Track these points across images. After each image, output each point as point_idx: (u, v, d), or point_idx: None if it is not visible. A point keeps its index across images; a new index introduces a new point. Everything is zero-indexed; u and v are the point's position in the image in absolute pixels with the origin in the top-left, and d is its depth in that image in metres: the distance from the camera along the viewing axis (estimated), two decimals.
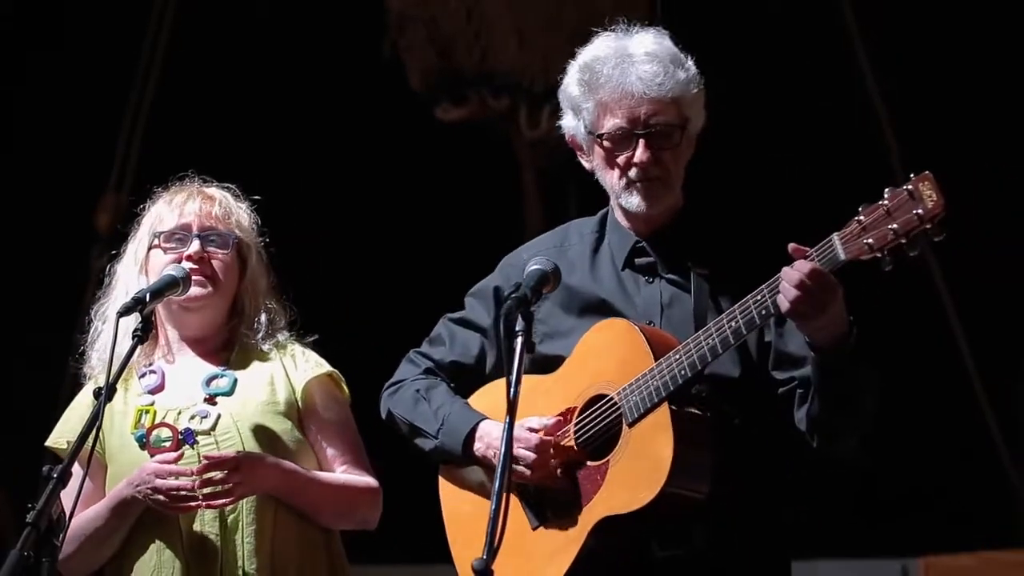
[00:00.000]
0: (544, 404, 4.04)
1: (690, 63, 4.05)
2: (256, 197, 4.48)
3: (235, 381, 4.30)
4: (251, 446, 4.21)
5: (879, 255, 3.59)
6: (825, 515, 4.04)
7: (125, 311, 4.09)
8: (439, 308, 4.48)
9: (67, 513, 3.82)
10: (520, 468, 3.95)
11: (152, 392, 4.32)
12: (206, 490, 4.10)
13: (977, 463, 8.04)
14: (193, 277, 4.27)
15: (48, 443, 4.37)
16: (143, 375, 4.36)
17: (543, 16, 8.68)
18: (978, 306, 7.95)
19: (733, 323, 3.79)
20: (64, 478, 3.77)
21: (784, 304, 3.69)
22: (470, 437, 4.07)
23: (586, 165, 4.14)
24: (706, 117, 4.08)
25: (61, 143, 8.41)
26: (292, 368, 4.33)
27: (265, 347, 4.35)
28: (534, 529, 4.01)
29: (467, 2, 8.72)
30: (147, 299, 4.12)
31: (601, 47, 4.08)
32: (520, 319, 3.66)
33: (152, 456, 4.20)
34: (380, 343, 4.43)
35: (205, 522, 4.18)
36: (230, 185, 4.47)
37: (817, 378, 3.80)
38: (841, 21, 7.98)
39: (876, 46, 8.02)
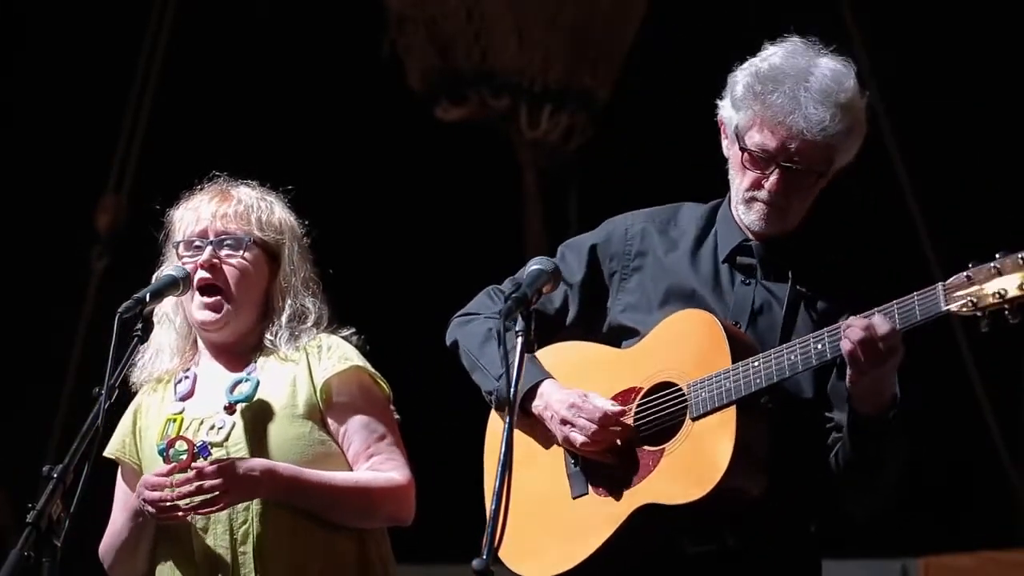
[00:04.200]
0: (609, 378, 4.04)
1: (862, 108, 3.98)
2: (289, 187, 4.39)
3: (257, 385, 4.22)
4: (264, 453, 4.16)
5: (979, 314, 3.63)
6: (825, 515, 4.05)
7: (126, 311, 4.07)
8: (439, 307, 4.48)
9: (66, 513, 3.80)
10: (575, 435, 3.96)
11: (183, 399, 4.28)
12: (189, 500, 4.07)
13: (977, 463, 8.05)
14: (205, 300, 4.21)
15: (105, 453, 4.33)
16: (179, 381, 4.31)
17: (543, 16, 8.68)
18: None
19: (820, 344, 3.80)
20: (64, 478, 3.77)
21: (847, 345, 3.71)
22: (531, 393, 4.05)
23: (724, 150, 4.10)
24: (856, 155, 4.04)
25: (61, 143, 8.42)
26: (316, 365, 4.23)
27: (293, 347, 4.25)
28: (574, 499, 4.02)
29: (467, 2, 8.72)
30: (147, 299, 4.10)
31: (784, 61, 3.98)
32: (520, 319, 3.66)
33: None
34: (379, 342, 4.41)
35: (217, 535, 4.15)
36: (252, 182, 4.37)
37: (848, 436, 3.84)
38: (842, 24, 8.00)
39: (878, 55, 8.04)
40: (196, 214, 4.30)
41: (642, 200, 4.28)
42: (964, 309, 3.63)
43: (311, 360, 4.24)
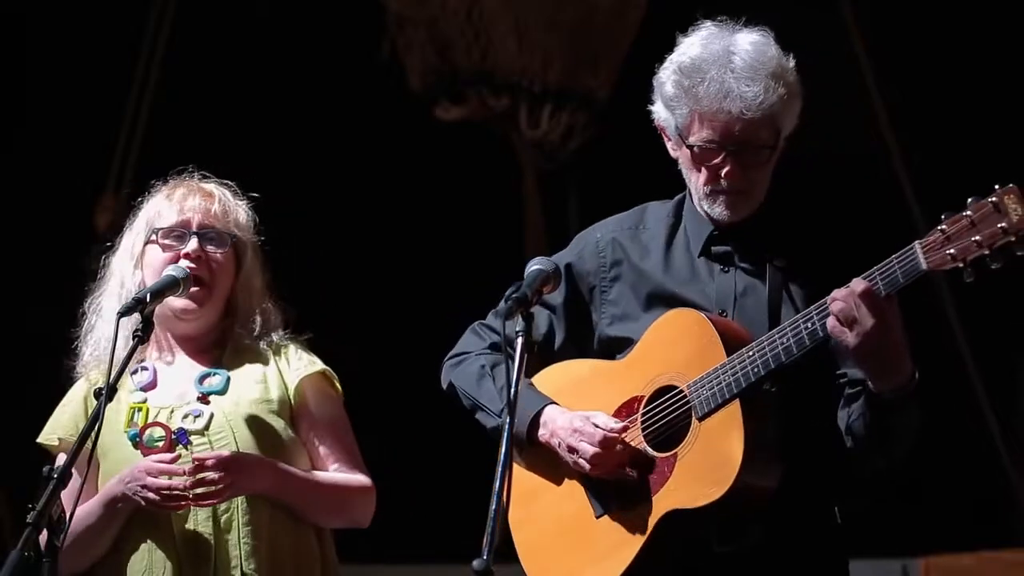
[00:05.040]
0: (610, 391, 4.03)
1: (791, 70, 3.95)
2: (254, 194, 4.46)
3: (228, 379, 4.29)
4: (245, 445, 4.21)
5: (960, 265, 3.58)
6: (846, 495, 4.06)
7: (126, 311, 4.09)
8: (439, 307, 4.48)
9: (67, 513, 3.80)
10: (582, 462, 3.96)
11: (144, 389, 4.32)
12: (198, 490, 4.09)
13: (977, 463, 8.05)
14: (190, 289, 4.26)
15: (39, 439, 4.37)
16: (135, 371, 4.35)
17: (543, 16, 8.68)
18: (978, 304, 7.95)
19: (809, 324, 3.78)
20: (64, 478, 3.77)
21: (831, 322, 3.70)
22: (535, 422, 4.05)
23: (671, 152, 4.09)
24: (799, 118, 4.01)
25: (60, 142, 8.42)
26: (286, 367, 4.32)
27: (259, 346, 4.33)
28: (598, 517, 4.01)
29: (467, 2, 8.71)
30: (147, 300, 4.12)
31: (703, 49, 3.94)
32: (520, 319, 3.65)
33: (145, 455, 4.19)
34: (379, 343, 4.42)
35: (198, 522, 4.18)
36: (228, 182, 4.45)
37: (865, 407, 3.82)
38: (842, 23, 8.00)
39: (878, 52, 8.04)
40: (179, 205, 4.36)
41: (643, 200, 4.27)
42: (946, 264, 3.60)
43: (279, 361, 4.33)
